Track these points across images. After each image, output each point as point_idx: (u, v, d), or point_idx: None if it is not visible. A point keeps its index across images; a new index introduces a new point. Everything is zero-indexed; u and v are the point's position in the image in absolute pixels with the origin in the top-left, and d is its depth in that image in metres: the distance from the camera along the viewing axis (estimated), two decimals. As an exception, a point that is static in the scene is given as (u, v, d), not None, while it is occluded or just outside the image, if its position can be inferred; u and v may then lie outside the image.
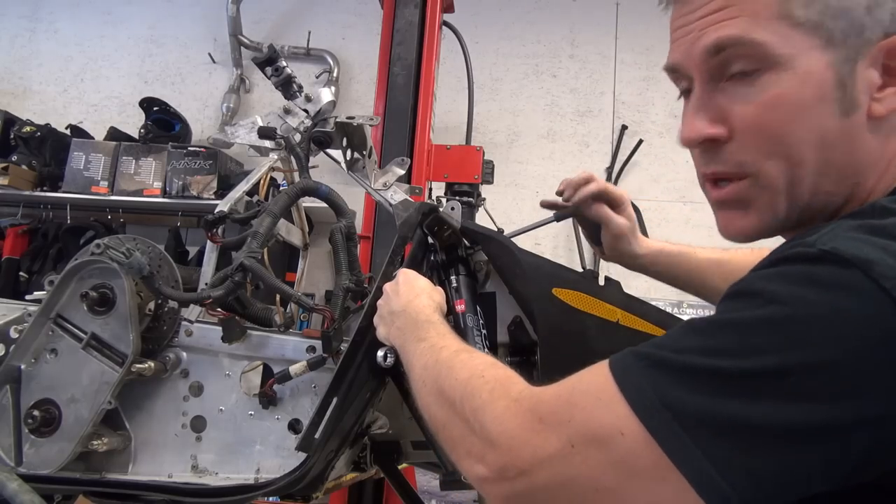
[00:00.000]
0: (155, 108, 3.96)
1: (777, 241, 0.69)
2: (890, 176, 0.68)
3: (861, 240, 0.56)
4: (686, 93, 0.75)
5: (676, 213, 3.95)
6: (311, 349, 1.24)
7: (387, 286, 1.10)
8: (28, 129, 3.84)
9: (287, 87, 1.37)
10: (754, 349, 0.54)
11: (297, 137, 1.37)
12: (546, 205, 1.33)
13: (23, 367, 1.24)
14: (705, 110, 0.70)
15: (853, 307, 0.52)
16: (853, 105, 0.65)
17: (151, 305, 1.28)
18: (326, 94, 1.39)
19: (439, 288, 1.11)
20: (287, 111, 1.38)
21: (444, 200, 1.29)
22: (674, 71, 0.75)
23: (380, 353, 1.10)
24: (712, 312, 0.61)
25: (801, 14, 0.65)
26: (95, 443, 1.21)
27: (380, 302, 1.10)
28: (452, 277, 1.21)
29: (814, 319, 0.53)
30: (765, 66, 0.66)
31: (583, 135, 4.17)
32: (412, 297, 1.03)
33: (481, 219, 2.67)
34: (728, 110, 0.69)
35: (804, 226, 0.70)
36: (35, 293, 1.37)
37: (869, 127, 0.66)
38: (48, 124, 3.93)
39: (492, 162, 2.74)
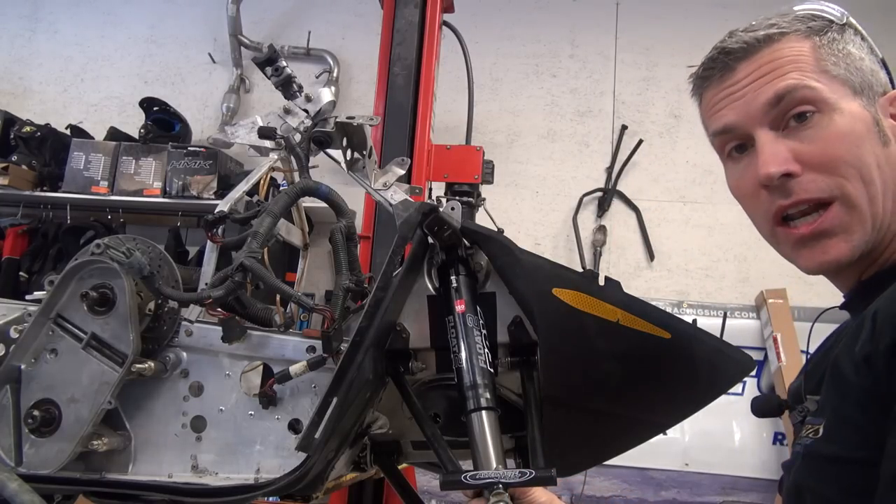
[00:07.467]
0: (155, 108, 3.96)
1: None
2: None
3: None
4: (738, 148, 0.90)
5: (676, 213, 3.95)
6: (311, 349, 1.23)
7: None
8: (28, 129, 3.84)
9: (287, 87, 1.37)
10: None
11: (297, 137, 1.36)
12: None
13: (23, 367, 1.24)
14: (777, 152, 0.84)
15: None
16: (887, 138, 0.83)
17: (151, 305, 1.27)
18: (326, 94, 1.38)
19: None
20: (287, 111, 1.38)
21: (444, 200, 1.28)
22: (727, 132, 0.89)
23: None
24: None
25: (834, 69, 0.83)
26: (95, 443, 1.21)
27: None
28: (452, 277, 1.21)
29: None
30: (818, 108, 0.82)
31: (583, 135, 4.17)
32: None
33: (481, 219, 2.67)
34: (797, 150, 0.83)
35: (873, 256, 0.83)
36: (35, 293, 1.37)
37: None
38: (48, 124, 3.93)
39: (492, 162, 2.74)
